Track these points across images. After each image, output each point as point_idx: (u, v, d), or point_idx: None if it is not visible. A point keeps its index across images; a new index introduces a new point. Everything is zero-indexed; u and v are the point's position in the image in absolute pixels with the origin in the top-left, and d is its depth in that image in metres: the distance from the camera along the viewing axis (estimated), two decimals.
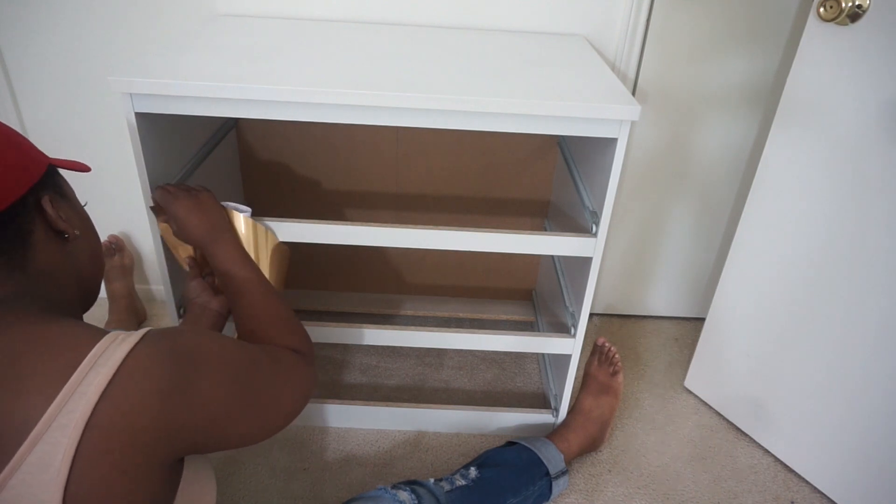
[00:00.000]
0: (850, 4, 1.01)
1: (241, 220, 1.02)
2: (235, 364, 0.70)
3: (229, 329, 1.09)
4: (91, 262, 0.75)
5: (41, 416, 0.53)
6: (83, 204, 0.77)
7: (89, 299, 0.76)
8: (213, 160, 1.31)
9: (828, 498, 1.29)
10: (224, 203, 1.02)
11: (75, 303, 0.72)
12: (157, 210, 1.02)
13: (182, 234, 0.97)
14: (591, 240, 1.11)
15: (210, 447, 0.66)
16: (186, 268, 1.06)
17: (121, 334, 0.59)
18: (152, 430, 0.57)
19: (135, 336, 0.60)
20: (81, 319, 0.71)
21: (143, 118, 0.98)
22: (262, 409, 0.72)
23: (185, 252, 1.06)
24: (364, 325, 1.24)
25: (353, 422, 1.39)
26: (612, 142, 1.03)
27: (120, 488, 0.55)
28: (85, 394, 0.54)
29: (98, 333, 0.59)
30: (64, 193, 0.72)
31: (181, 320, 1.06)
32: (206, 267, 1.07)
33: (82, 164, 0.75)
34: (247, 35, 1.21)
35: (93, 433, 0.53)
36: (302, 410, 0.81)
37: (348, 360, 1.58)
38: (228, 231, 0.98)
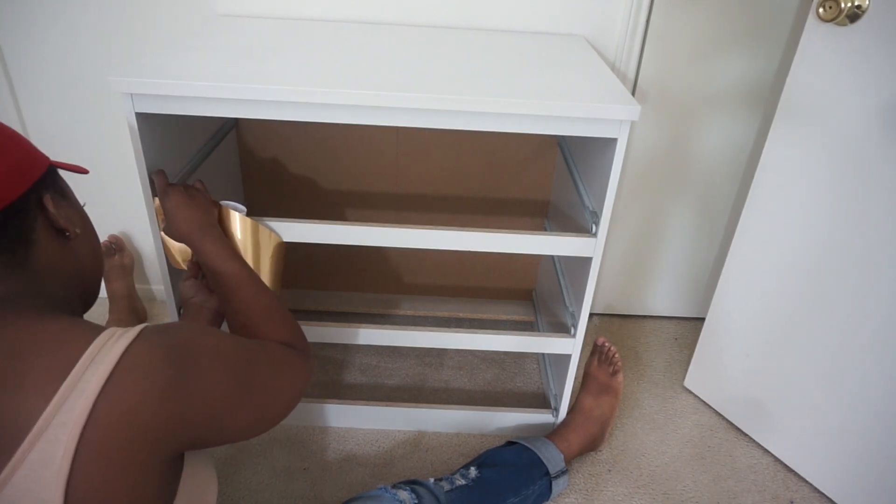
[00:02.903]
0: (849, 5, 1.01)
1: (238, 218, 1.02)
2: (232, 358, 0.70)
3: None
4: (91, 260, 0.75)
5: (41, 413, 0.53)
6: (82, 204, 0.77)
7: (89, 299, 0.77)
8: (213, 160, 1.31)
9: (827, 498, 1.29)
10: (222, 202, 1.02)
11: (76, 302, 0.72)
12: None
13: (171, 229, 0.97)
14: (591, 240, 1.11)
15: (209, 442, 0.67)
16: (184, 267, 1.06)
17: (118, 331, 0.60)
18: (152, 425, 0.57)
19: (132, 332, 0.60)
20: (82, 319, 0.71)
21: (143, 118, 0.98)
22: (259, 402, 0.73)
23: (182, 254, 1.06)
24: (364, 325, 1.24)
25: (353, 422, 1.39)
26: (612, 142, 1.03)
27: (121, 484, 0.55)
28: (84, 391, 0.54)
29: (95, 330, 0.59)
30: (64, 193, 0.73)
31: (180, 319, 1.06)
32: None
33: (81, 167, 0.76)
34: (247, 35, 1.22)
35: (93, 430, 0.54)
36: (297, 403, 0.81)
37: (348, 360, 1.58)
38: (215, 227, 0.98)
